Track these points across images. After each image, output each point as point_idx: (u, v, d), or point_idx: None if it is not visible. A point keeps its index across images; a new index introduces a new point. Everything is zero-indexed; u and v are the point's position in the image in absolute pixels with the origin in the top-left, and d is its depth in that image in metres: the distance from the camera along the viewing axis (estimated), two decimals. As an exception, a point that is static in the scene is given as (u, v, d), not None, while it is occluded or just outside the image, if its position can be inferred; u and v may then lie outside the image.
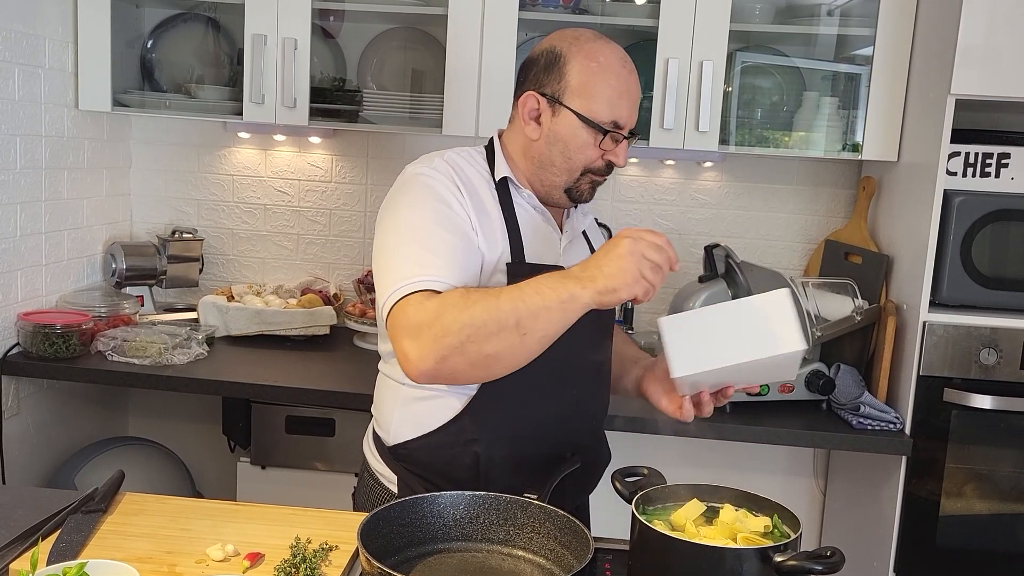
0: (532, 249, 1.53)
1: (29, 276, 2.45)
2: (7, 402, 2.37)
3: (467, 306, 1.31)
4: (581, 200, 1.58)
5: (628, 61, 1.54)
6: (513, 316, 1.30)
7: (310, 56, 2.55)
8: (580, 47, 1.53)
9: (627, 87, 1.52)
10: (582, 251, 1.67)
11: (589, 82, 1.50)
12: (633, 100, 1.53)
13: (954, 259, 2.23)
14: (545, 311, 1.30)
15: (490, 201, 1.53)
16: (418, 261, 1.39)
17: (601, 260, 1.30)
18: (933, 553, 2.26)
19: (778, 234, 2.88)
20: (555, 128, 1.52)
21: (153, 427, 2.97)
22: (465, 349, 1.31)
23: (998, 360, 2.20)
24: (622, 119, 1.51)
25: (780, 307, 1.33)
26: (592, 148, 1.52)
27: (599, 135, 1.50)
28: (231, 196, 2.98)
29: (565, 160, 1.53)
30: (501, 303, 1.31)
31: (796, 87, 2.68)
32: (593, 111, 1.50)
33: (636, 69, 1.55)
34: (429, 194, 1.46)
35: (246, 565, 1.24)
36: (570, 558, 1.24)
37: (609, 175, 1.58)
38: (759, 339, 1.33)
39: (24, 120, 2.38)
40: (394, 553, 1.25)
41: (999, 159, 2.28)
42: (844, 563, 1.12)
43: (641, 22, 2.54)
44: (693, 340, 1.35)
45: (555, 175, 1.55)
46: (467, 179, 1.52)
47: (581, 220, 1.69)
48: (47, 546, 1.26)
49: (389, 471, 1.58)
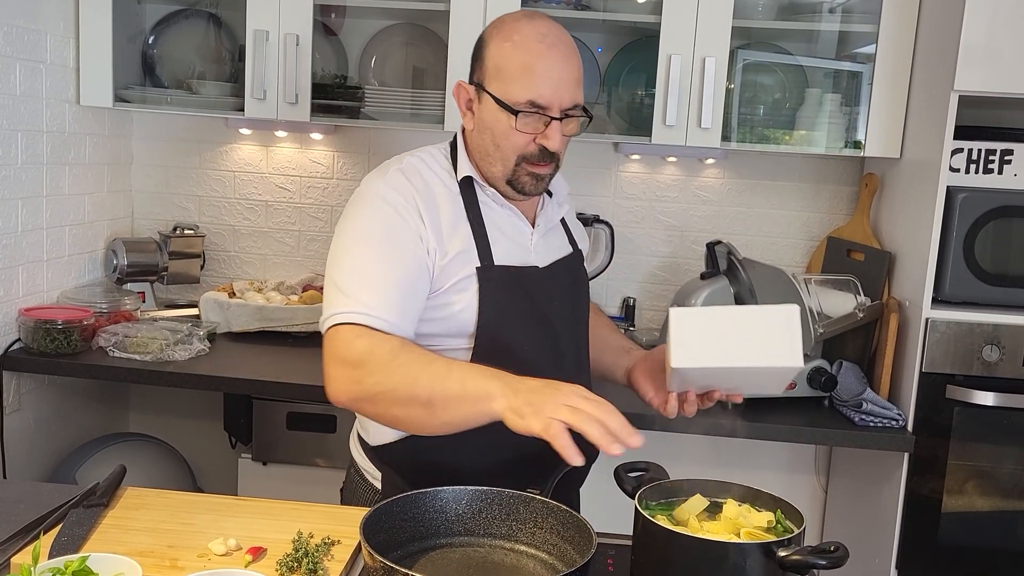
0: (501, 248, 1.49)
1: (30, 272, 2.45)
2: (8, 398, 2.37)
3: (389, 367, 1.31)
4: (526, 193, 1.50)
5: (550, 36, 1.44)
6: (427, 393, 1.28)
7: (312, 52, 2.54)
8: (499, 28, 1.47)
9: (545, 64, 1.42)
10: (559, 242, 1.63)
11: (501, 63, 1.44)
12: (555, 77, 1.42)
13: (957, 256, 2.22)
14: (457, 400, 1.27)
15: (452, 206, 1.48)
16: (356, 293, 1.37)
17: (533, 384, 1.23)
18: (935, 550, 2.26)
19: (780, 231, 2.88)
20: (481, 115, 1.48)
21: (154, 423, 2.96)
22: (375, 402, 1.33)
23: (1001, 357, 2.20)
24: (542, 98, 1.42)
25: (788, 321, 1.35)
26: (515, 134, 1.44)
27: (516, 118, 1.43)
28: (232, 192, 2.98)
29: (496, 148, 1.47)
30: (421, 377, 1.29)
31: (798, 84, 2.67)
32: (507, 92, 1.43)
33: (572, 46, 1.46)
34: (379, 218, 1.43)
35: (248, 559, 1.24)
36: (573, 553, 1.24)
37: (552, 163, 1.49)
38: (760, 347, 1.36)
39: (25, 116, 2.37)
40: (396, 548, 1.24)
41: (1002, 155, 2.27)
42: (848, 558, 1.11)
43: (644, 19, 2.54)
44: (698, 335, 1.36)
45: (492, 165, 1.49)
46: (426, 188, 1.47)
47: (556, 210, 1.63)
48: (49, 540, 1.25)
49: (374, 468, 1.58)
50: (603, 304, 2.93)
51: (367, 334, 1.35)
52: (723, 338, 1.36)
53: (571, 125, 1.48)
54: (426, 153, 1.54)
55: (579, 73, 1.46)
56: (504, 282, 1.48)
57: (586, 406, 1.17)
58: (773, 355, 1.35)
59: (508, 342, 1.47)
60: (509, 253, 1.50)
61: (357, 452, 1.64)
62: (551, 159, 1.48)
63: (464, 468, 1.44)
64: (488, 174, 1.51)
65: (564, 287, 1.59)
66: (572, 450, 1.15)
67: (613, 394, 1.70)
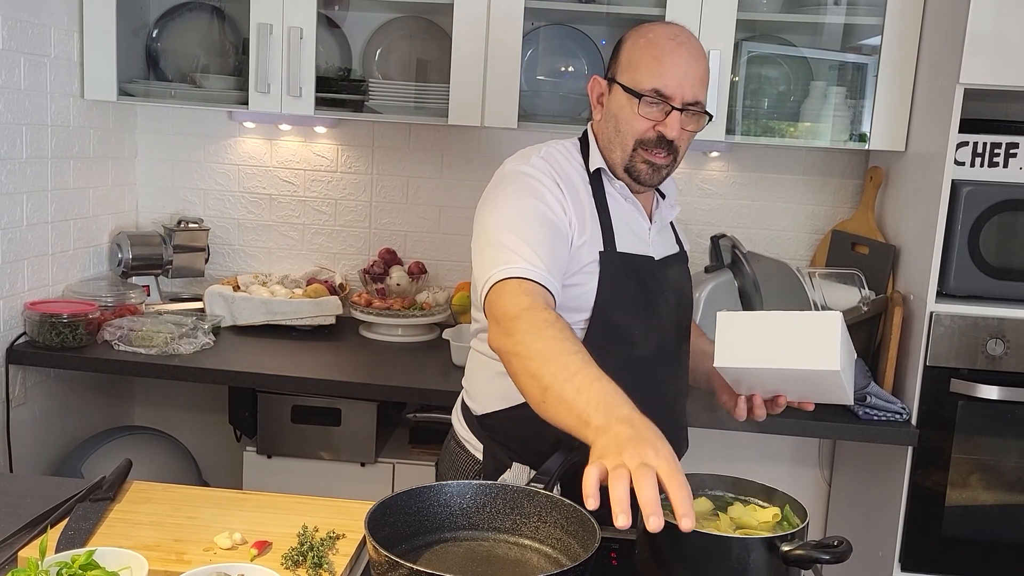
0: (623, 238, 1.59)
1: (35, 266, 2.45)
2: (14, 391, 2.38)
3: (538, 334, 1.33)
4: (640, 181, 1.59)
5: (681, 36, 1.56)
6: (549, 381, 1.28)
7: (315, 46, 2.54)
8: (637, 29, 1.60)
9: (672, 57, 1.53)
10: (669, 240, 1.74)
11: (634, 56, 1.56)
12: (680, 70, 1.53)
13: (961, 249, 2.22)
14: (566, 406, 1.26)
15: (584, 193, 1.58)
16: (515, 250, 1.44)
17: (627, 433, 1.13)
18: (939, 544, 2.26)
19: (785, 224, 2.87)
20: (610, 105, 1.60)
21: (159, 417, 2.97)
22: (512, 360, 1.35)
23: (1005, 351, 2.20)
24: (667, 88, 1.52)
25: (829, 326, 1.40)
26: (637, 118, 1.54)
27: (640, 103, 1.53)
28: (237, 186, 2.98)
29: (617, 134, 1.58)
30: (553, 363, 1.29)
31: (803, 77, 2.66)
32: (635, 80, 1.54)
33: (701, 49, 1.57)
34: (526, 190, 1.52)
35: (253, 553, 1.24)
36: (577, 547, 1.24)
37: (670, 154, 1.57)
38: (798, 350, 1.41)
39: (30, 110, 2.38)
40: (401, 542, 1.25)
41: (1007, 149, 2.26)
42: (851, 552, 1.12)
43: (648, 11, 2.53)
44: (740, 337, 1.43)
45: (613, 152, 1.59)
46: (564, 174, 1.57)
47: (669, 211, 1.73)
48: (55, 534, 1.26)
49: (476, 439, 1.66)
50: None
51: (531, 291, 1.40)
52: (764, 340, 1.42)
53: (692, 121, 1.56)
54: (560, 145, 1.64)
55: (705, 73, 1.56)
56: (622, 267, 1.58)
57: (661, 467, 1.06)
58: (810, 359, 1.40)
59: (619, 323, 1.57)
60: (629, 242, 1.60)
61: (460, 425, 1.72)
62: (669, 149, 1.56)
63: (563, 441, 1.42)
64: (609, 162, 1.60)
65: (672, 280, 1.69)
66: (622, 507, 1.03)
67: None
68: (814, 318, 1.44)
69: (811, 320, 1.43)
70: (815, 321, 1.42)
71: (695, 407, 2.30)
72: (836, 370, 1.38)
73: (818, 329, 1.40)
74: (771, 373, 1.44)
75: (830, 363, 1.38)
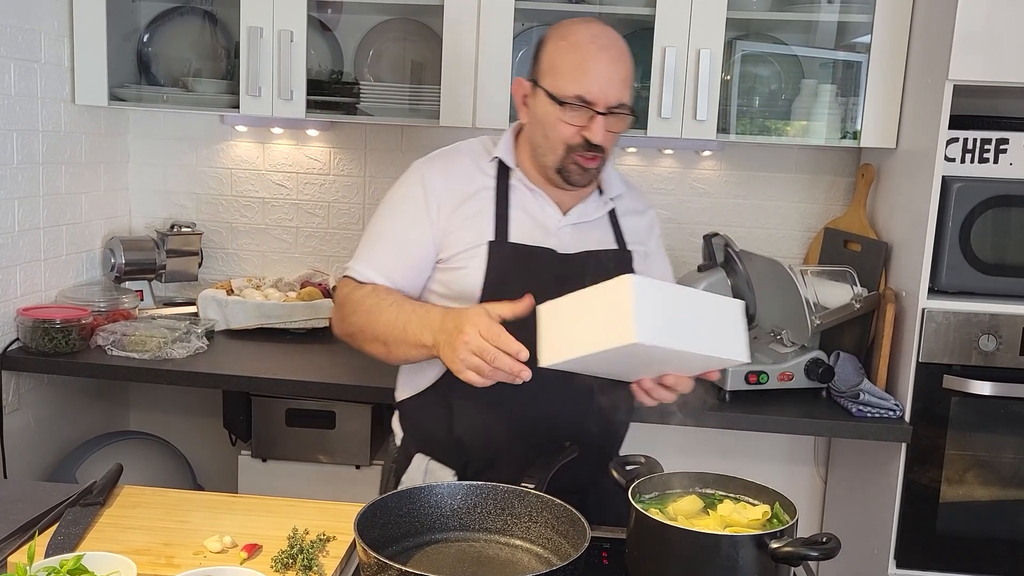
0: (521, 229, 1.61)
1: (28, 271, 2.45)
2: (7, 397, 2.37)
3: (359, 308, 1.55)
4: (572, 182, 1.60)
5: (602, 38, 1.55)
6: (384, 335, 1.51)
7: (307, 48, 2.54)
8: (557, 29, 1.60)
9: (595, 62, 1.53)
10: (600, 236, 1.68)
11: (556, 59, 1.56)
12: (603, 75, 1.53)
13: (953, 246, 2.22)
14: (405, 345, 1.49)
15: (481, 183, 1.63)
16: (362, 250, 1.64)
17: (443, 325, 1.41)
18: (933, 540, 2.26)
19: (777, 222, 2.87)
20: (534, 108, 1.60)
21: (154, 421, 2.97)
22: (354, 339, 1.59)
23: (998, 346, 2.20)
24: (589, 94, 1.52)
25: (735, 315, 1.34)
26: (564, 125, 1.54)
27: (563, 110, 1.53)
28: (229, 190, 2.98)
29: (545, 139, 1.58)
30: (379, 320, 1.52)
31: (794, 75, 2.67)
32: (558, 87, 1.54)
33: (623, 49, 1.57)
34: (399, 192, 1.66)
35: (243, 556, 1.24)
36: (567, 547, 1.24)
37: (600, 155, 1.57)
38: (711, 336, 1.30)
39: (21, 115, 2.37)
40: (391, 544, 1.25)
41: (997, 145, 2.27)
42: (840, 549, 1.12)
43: (638, 11, 2.53)
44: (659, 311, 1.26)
45: (543, 155, 1.60)
46: (459, 166, 1.65)
47: (600, 206, 1.69)
48: (45, 539, 1.26)
49: (399, 428, 1.75)
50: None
51: (352, 285, 1.60)
52: (679, 320, 1.28)
53: (617, 123, 1.57)
54: (476, 140, 1.71)
55: (628, 74, 1.56)
56: (512, 258, 1.58)
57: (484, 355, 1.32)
58: (723, 346, 1.31)
59: None
60: (527, 233, 1.61)
61: (394, 414, 1.79)
62: (597, 152, 1.56)
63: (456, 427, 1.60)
64: (541, 163, 1.61)
65: (588, 276, 1.56)
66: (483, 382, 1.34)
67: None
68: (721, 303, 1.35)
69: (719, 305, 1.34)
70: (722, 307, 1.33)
71: (687, 405, 2.30)
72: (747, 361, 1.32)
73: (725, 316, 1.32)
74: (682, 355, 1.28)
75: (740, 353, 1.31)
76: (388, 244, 1.62)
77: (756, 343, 2.47)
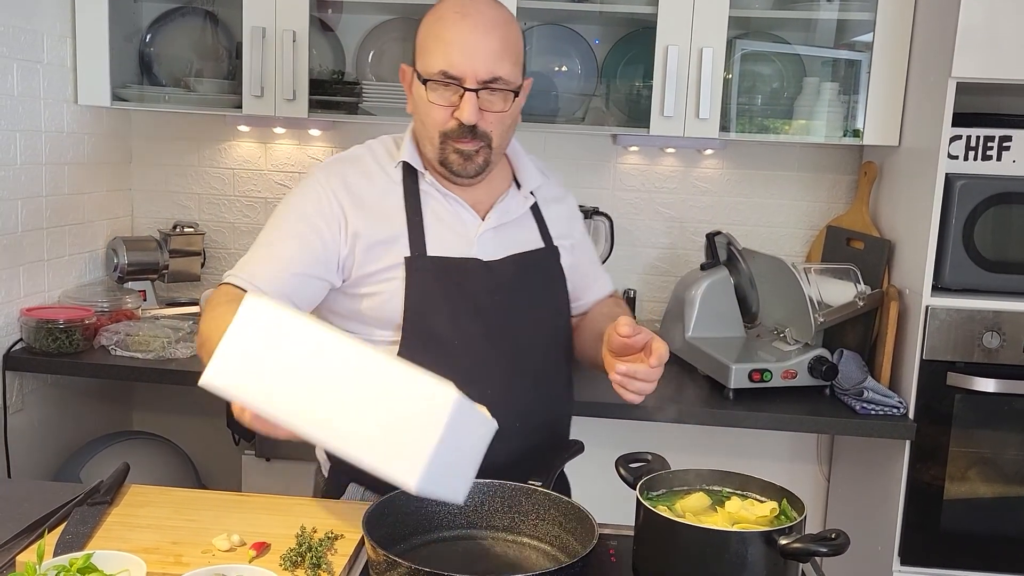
0: (437, 239, 1.46)
1: (31, 272, 2.45)
2: (11, 398, 2.37)
3: (208, 314, 1.36)
4: (457, 173, 1.46)
5: (468, 7, 1.40)
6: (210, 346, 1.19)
7: (309, 48, 2.54)
8: (432, 9, 1.46)
9: (456, 33, 1.39)
10: (523, 236, 1.55)
11: (422, 37, 1.44)
12: (467, 46, 1.38)
13: (956, 243, 2.22)
14: None
15: (389, 194, 1.47)
16: (244, 261, 1.46)
17: None
18: (937, 537, 2.26)
19: (780, 221, 2.88)
20: (413, 94, 1.48)
21: (157, 421, 2.97)
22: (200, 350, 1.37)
23: (1001, 343, 2.20)
24: (453, 68, 1.38)
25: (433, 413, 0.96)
26: (435, 107, 1.41)
27: (431, 89, 1.40)
28: (232, 190, 2.98)
29: (423, 126, 1.46)
30: (208, 326, 1.31)
31: (796, 73, 2.67)
32: (424, 64, 1.42)
33: (496, 18, 1.41)
34: (297, 200, 1.48)
35: (252, 555, 1.24)
36: (575, 544, 1.24)
37: (478, 140, 1.42)
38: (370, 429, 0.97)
39: (24, 116, 2.37)
40: (399, 541, 1.25)
41: (1000, 142, 2.27)
42: (849, 545, 1.12)
43: (641, 9, 2.54)
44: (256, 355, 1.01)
45: (424, 147, 1.48)
46: (362, 176, 1.48)
47: (521, 202, 1.56)
48: (53, 538, 1.26)
49: (324, 458, 1.63)
50: (604, 296, 2.93)
51: (234, 296, 1.36)
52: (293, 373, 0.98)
53: (497, 101, 1.42)
54: (378, 142, 1.55)
55: (502, 44, 1.40)
56: (434, 273, 1.44)
57: None
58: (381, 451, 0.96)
59: (436, 335, 1.44)
60: (446, 243, 1.46)
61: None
62: (474, 135, 1.42)
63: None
64: (427, 157, 1.48)
65: (517, 281, 1.52)
66: None
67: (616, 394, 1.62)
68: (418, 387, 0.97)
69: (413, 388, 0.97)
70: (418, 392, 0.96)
71: (692, 404, 2.31)
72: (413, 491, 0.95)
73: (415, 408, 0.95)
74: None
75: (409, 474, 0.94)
76: (272, 258, 1.43)
77: (760, 341, 2.48)
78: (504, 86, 1.41)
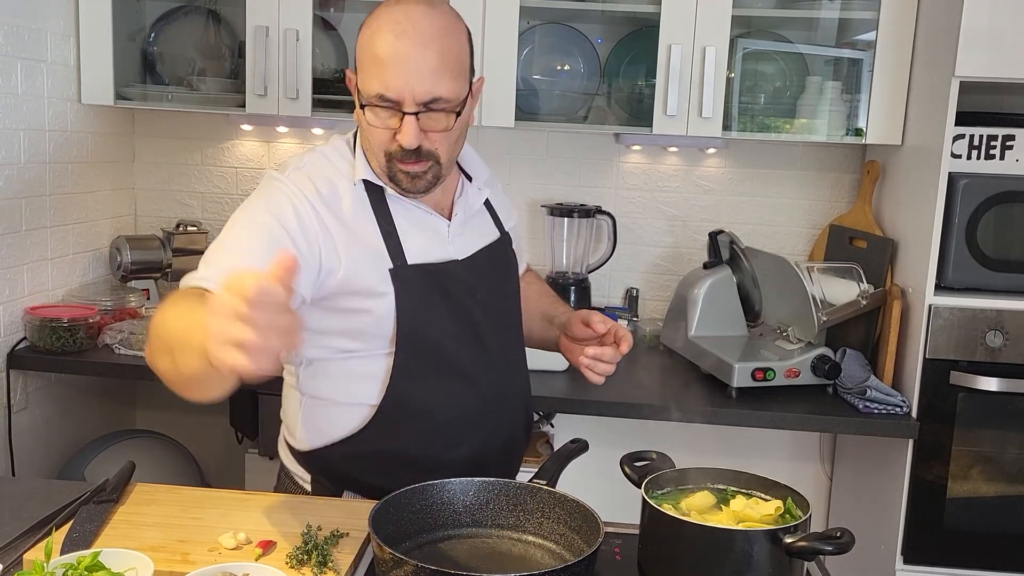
0: (415, 245, 1.42)
1: (35, 270, 2.45)
2: (15, 396, 2.38)
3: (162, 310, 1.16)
4: (408, 190, 1.40)
5: (405, 23, 1.30)
6: (170, 339, 1.10)
7: (312, 47, 2.54)
8: (370, 16, 1.36)
9: (392, 54, 1.29)
10: (483, 228, 1.55)
11: (361, 51, 1.35)
12: (405, 69, 1.29)
13: (959, 242, 2.22)
14: (187, 349, 1.04)
15: (359, 207, 1.40)
16: (207, 263, 1.30)
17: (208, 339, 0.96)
18: (940, 536, 2.26)
19: (782, 219, 2.88)
20: (356, 111, 1.41)
21: (161, 420, 2.97)
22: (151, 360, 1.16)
23: (1004, 342, 2.20)
24: (390, 91, 1.30)
25: None
26: (376, 129, 1.35)
27: (370, 112, 1.34)
28: (235, 188, 2.98)
29: (368, 144, 1.39)
30: (169, 324, 1.11)
31: (799, 72, 2.67)
32: (363, 83, 1.34)
33: (433, 32, 1.31)
34: (264, 206, 1.35)
35: (258, 553, 1.25)
36: (580, 542, 1.24)
37: (424, 160, 1.37)
38: None
39: (27, 114, 2.38)
40: (405, 539, 1.25)
41: (1004, 141, 2.27)
42: (854, 543, 1.12)
43: (643, 8, 2.54)
44: None
45: (372, 161, 1.41)
46: (328, 190, 1.38)
47: (477, 195, 1.55)
48: (60, 536, 1.26)
49: (303, 471, 1.55)
50: (606, 295, 2.94)
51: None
52: None
53: (439, 120, 1.34)
54: (330, 149, 1.46)
55: (438, 62, 1.31)
56: (420, 281, 1.42)
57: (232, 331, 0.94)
58: None
59: (430, 342, 1.43)
60: (424, 249, 1.43)
61: (286, 456, 1.61)
62: (419, 155, 1.35)
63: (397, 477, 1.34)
64: (374, 170, 1.42)
65: (488, 275, 1.53)
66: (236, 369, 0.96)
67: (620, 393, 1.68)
68: None
69: None
70: None
71: (694, 402, 2.31)
72: None
73: None
74: None
75: None
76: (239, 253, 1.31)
77: (763, 340, 2.48)
78: (445, 105, 1.33)
